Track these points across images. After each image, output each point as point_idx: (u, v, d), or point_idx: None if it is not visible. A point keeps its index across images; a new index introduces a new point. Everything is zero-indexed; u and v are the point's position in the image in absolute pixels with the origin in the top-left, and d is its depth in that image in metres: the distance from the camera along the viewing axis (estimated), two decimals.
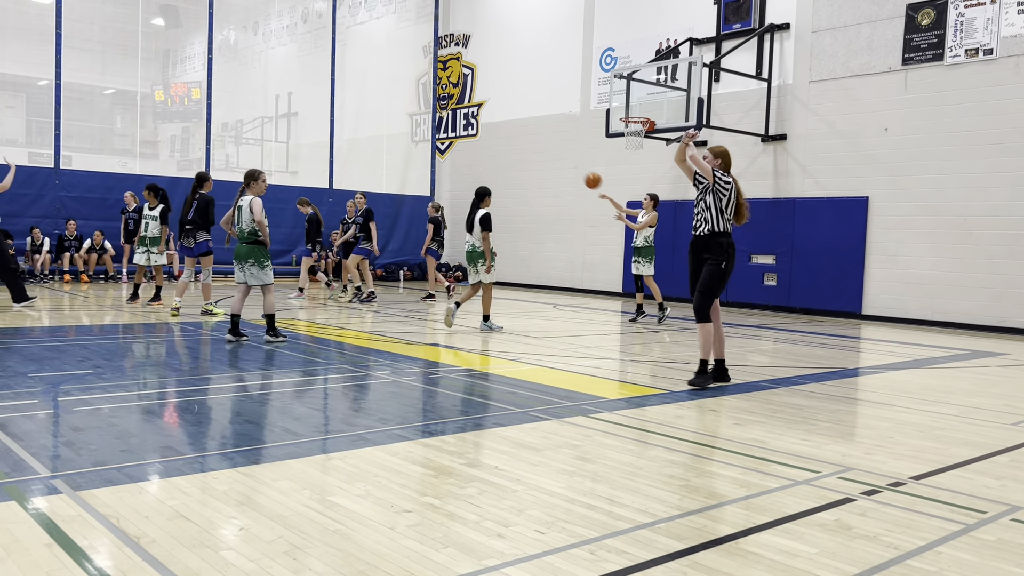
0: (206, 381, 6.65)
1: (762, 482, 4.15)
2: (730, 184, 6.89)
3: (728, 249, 6.88)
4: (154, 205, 12.40)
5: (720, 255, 6.84)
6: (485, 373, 7.29)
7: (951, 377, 8.15)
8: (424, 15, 22.17)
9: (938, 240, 13.24)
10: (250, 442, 4.64)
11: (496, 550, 3.12)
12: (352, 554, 3.04)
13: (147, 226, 12.35)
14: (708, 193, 6.87)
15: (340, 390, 6.45)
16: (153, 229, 12.32)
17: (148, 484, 3.82)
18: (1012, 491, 4.13)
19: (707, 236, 6.89)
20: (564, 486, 3.96)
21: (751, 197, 15.58)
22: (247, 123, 22.41)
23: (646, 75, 15.32)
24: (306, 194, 19.25)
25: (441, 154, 22.66)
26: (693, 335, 11.02)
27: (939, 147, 13.20)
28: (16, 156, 18.68)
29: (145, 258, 12.28)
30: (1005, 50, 12.53)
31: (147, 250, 12.28)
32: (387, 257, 21.51)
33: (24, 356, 7.35)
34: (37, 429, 4.75)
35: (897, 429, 5.54)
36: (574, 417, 5.54)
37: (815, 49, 14.65)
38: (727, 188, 6.85)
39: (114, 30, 20.35)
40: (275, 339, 8.75)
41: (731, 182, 6.91)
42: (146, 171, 19.00)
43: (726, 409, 5.99)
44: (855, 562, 3.12)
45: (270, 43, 22.47)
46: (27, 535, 3.10)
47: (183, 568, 2.86)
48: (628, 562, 3.04)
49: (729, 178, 6.91)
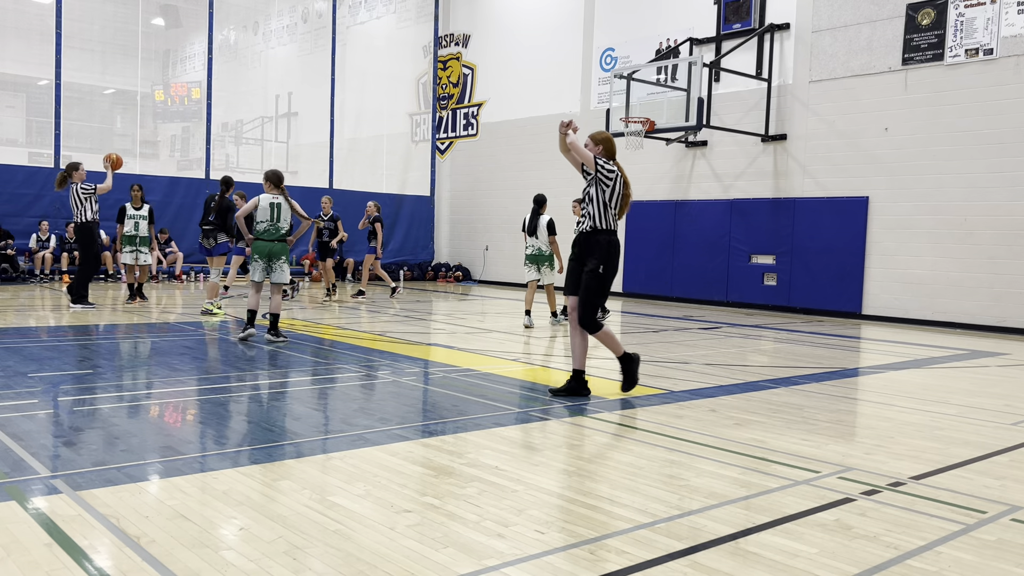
0: (206, 381, 6.65)
1: (762, 482, 4.15)
2: (614, 173, 6.16)
3: (609, 249, 6.19)
4: (139, 205, 12.45)
5: (600, 257, 6.14)
6: (485, 373, 7.29)
7: (951, 377, 8.15)
8: (424, 15, 22.17)
9: (938, 240, 13.24)
10: (250, 442, 4.64)
11: (496, 550, 3.12)
12: (352, 554, 3.04)
13: (136, 226, 12.37)
14: (592, 184, 6.21)
15: (340, 390, 6.45)
16: (143, 229, 12.36)
17: (148, 484, 3.82)
18: (1012, 491, 4.13)
19: (588, 233, 6.20)
20: (564, 486, 3.96)
21: (751, 197, 15.62)
22: (247, 123, 22.40)
23: (646, 75, 15.32)
24: (306, 194, 19.25)
25: (441, 154, 22.66)
26: (693, 335, 11.03)
27: (939, 147, 13.20)
28: (16, 156, 18.72)
29: (133, 257, 12.30)
30: (1005, 50, 12.53)
31: (135, 249, 12.31)
32: (387, 257, 21.49)
33: (24, 356, 7.35)
34: (37, 429, 4.75)
35: (897, 429, 5.54)
36: (574, 417, 5.54)
37: (815, 49, 14.65)
38: (610, 178, 6.13)
39: (114, 30, 20.33)
40: (276, 339, 8.75)
41: (615, 171, 6.18)
42: (146, 171, 18.98)
43: (726, 409, 5.99)
44: (855, 562, 3.12)
45: (270, 43, 22.46)
46: (27, 535, 3.10)
47: (183, 568, 2.86)
48: (628, 562, 3.04)
49: (613, 166, 6.19)
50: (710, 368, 8.03)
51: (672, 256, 16.87)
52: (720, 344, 10.09)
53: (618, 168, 6.22)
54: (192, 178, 18.84)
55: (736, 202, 15.81)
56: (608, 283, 6.27)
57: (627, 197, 6.26)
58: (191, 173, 19.93)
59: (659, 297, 17.01)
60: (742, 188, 15.79)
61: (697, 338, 10.67)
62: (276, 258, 8.81)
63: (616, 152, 6.36)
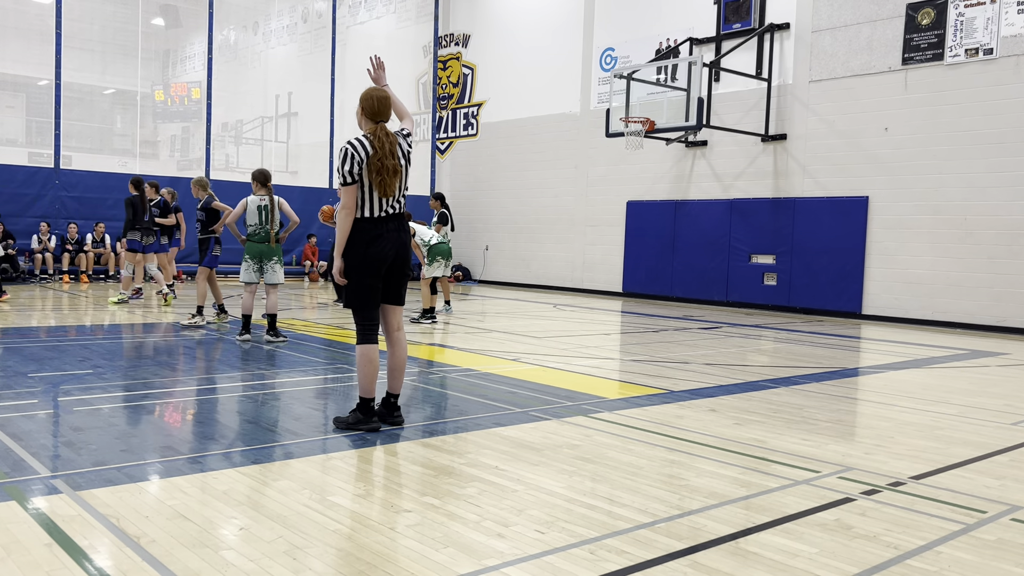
0: (206, 381, 6.65)
1: (762, 482, 4.15)
2: (360, 146, 4.76)
3: (360, 243, 4.77)
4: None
5: (351, 253, 4.81)
6: (485, 373, 7.29)
7: (951, 377, 8.15)
8: (424, 15, 22.17)
9: (938, 240, 13.24)
10: (250, 442, 4.64)
11: (496, 550, 3.12)
12: (352, 554, 3.04)
13: None
14: None
15: (340, 390, 6.45)
16: None
17: (148, 484, 3.82)
18: (1012, 491, 4.13)
19: (354, 224, 4.82)
20: (564, 486, 3.96)
21: (751, 197, 15.61)
22: (247, 123, 22.42)
23: (646, 75, 15.32)
24: (306, 194, 19.29)
25: (441, 154, 22.66)
26: (693, 335, 11.03)
27: (939, 147, 13.20)
28: (16, 156, 18.73)
29: None
30: (1005, 50, 12.53)
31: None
32: None
33: (24, 356, 7.35)
34: (37, 429, 4.75)
35: (897, 429, 5.54)
36: (574, 417, 5.54)
37: (815, 49, 14.65)
38: (358, 152, 4.75)
39: (114, 30, 20.35)
40: (275, 339, 8.75)
41: (362, 143, 4.77)
42: (146, 171, 19.00)
43: (726, 409, 5.99)
44: (855, 562, 3.12)
45: (270, 43, 22.47)
46: (27, 535, 3.10)
47: (183, 568, 2.86)
48: (628, 562, 3.04)
49: (364, 137, 4.81)
50: (710, 368, 8.03)
51: (672, 256, 16.87)
52: (720, 344, 10.09)
53: (370, 140, 4.79)
54: (192, 178, 18.84)
55: (736, 202, 15.81)
56: (364, 281, 4.82)
57: (381, 171, 4.74)
58: (191, 173, 19.92)
59: (659, 297, 17.02)
60: (742, 188, 15.79)
61: (697, 338, 10.67)
62: (268, 259, 8.81)
63: (378, 112, 4.92)
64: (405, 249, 4.93)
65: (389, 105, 5.00)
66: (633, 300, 17.19)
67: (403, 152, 4.97)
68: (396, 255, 4.87)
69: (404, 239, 4.94)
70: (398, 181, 4.85)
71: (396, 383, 5.06)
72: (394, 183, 4.81)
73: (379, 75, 5.35)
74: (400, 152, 4.92)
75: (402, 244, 4.91)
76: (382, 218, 4.83)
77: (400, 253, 4.90)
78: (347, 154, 4.75)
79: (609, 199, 18.11)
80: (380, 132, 4.84)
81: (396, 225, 4.89)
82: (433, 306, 11.16)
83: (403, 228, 4.95)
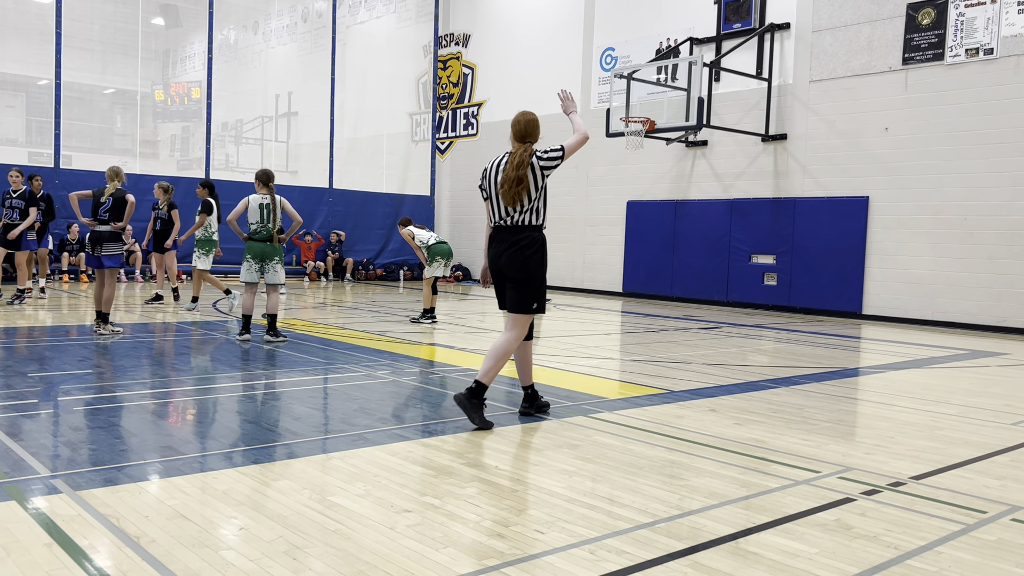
0: (206, 381, 6.65)
1: (762, 482, 4.15)
2: (490, 164, 5.45)
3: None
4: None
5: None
6: None
7: (951, 377, 8.15)
8: (424, 15, 22.16)
9: (938, 240, 13.24)
10: (250, 442, 4.64)
11: (496, 550, 3.12)
12: (352, 554, 3.04)
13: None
14: None
15: (340, 390, 6.45)
16: None
17: (148, 484, 3.82)
18: (1012, 491, 4.13)
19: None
20: (564, 486, 3.96)
21: (752, 197, 15.61)
22: (247, 123, 22.40)
23: (646, 75, 15.31)
24: (306, 194, 19.29)
25: (441, 154, 22.66)
26: (693, 335, 11.03)
27: (939, 147, 13.20)
28: (16, 156, 18.71)
29: None
30: (1005, 50, 12.52)
31: None
32: (387, 257, 21.52)
33: (24, 356, 7.35)
34: (37, 429, 4.75)
35: (897, 429, 5.53)
36: (574, 417, 5.54)
37: (815, 49, 14.65)
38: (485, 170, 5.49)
39: (114, 30, 20.32)
40: (275, 339, 8.75)
41: (493, 161, 5.43)
42: (146, 171, 18.99)
43: (726, 409, 5.99)
44: (855, 562, 3.12)
45: (270, 43, 22.45)
46: (27, 535, 3.10)
47: (183, 568, 2.86)
48: (628, 562, 3.04)
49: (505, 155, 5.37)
50: (710, 368, 8.03)
51: (672, 256, 16.86)
52: (720, 344, 10.09)
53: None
54: (192, 178, 18.82)
55: (736, 202, 15.81)
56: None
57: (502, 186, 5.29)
58: (191, 173, 19.93)
59: (659, 297, 17.01)
60: (742, 188, 15.79)
61: (697, 338, 10.67)
62: (269, 258, 8.79)
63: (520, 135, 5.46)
64: (507, 259, 5.30)
65: (528, 127, 5.36)
66: (633, 300, 17.19)
67: (526, 170, 5.21)
68: (498, 264, 5.35)
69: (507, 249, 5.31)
70: (509, 197, 5.22)
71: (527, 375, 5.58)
72: (505, 197, 5.23)
73: (566, 105, 5.67)
74: (516, 170, 5.20)
75: (503, 254, 5.32)
76: (497, 228, 5.37)
77: (503, 263, 5.32)
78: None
79: (609, 199, 18.11)
80: (513, 152, 5.32)
81: (503, 236, 5.32)
82: (434, 306, 11.16)
83: (507, 240, 5.31)
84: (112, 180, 9.03)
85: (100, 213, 8.88)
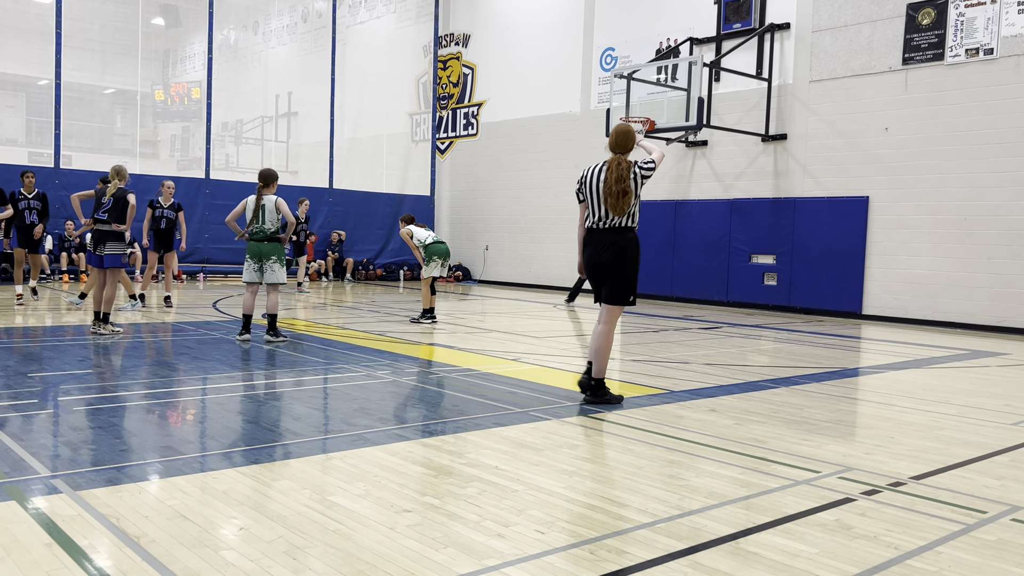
0: (206, 381, 6.65)
1: (762, 482, 4.15)
2: (587, 171, 6.10)
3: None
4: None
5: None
6: (485, 373, 7.29)
7: (951, 377, 8.15)
8: (424, 15, 22.16)
9: (938, 240, 13.24)
10: (250, 442, 4.64)
11: (496, 550, 3.12)
12: (352, 554, 3.04)
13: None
14: None
15: (340, 390, 6.45)
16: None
17: (148, 484, 3.82)
18: (1012, 491, 4.13)
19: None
20: (564, 486, 3.96)
21: (752, 197, 15.61)
22: (247, 123, 22.40)
23: (646, 75, 15.31)
24: (305, 194, 19.27)
25: (441, 154, 22.66)
26: (693, 335, 11.03)
27: (939, 147, 13.20)
28: (16, 156, 18.71)
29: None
30: (1005, 50, 12.52)
31: None
32: (387, 257, 21.52)
33: (24, 356, 7.35)
34: (37, 429, 4.75)
35: (897, 429, 5.53)
36: (574, 417, 5.54)
37: (815, 49, 14.65)
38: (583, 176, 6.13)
39: (114, 30, 20.32)
40: (275, 339, 8.75)
41: (591, 168, 6.10)
42: (146, 171, 18.98)
43: (726, 409, 5.99)
44: (855, 562, 3.12)
45: (270, 43, 22.46)
46: (27, 535, 3.10)
47: (183, 568, 2.86)
48: (628, 562, 3.04)
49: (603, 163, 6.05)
50: (710, 368, 8.03)
51: (672, 256, 16.86)
52: (720, 344, 10.09)
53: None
54: (192, 178, 18.84)
55: (736, 202, 15.81)
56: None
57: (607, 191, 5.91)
58: (191, 173, 19.92)
59: (659, 297, 17.01)
60: (742, 188, 15.79)
61: (697, 338, 10.67)
62: (267, 258, 8.77)
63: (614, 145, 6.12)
64: (607, 257, 5.91)
65: (626, 139, 6.04)
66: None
67: (628, 177, 5.87)
68: (598, 261, 5.95)
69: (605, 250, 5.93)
70: (616, 206, 5.83)
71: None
72: (612, 206, 5.83)
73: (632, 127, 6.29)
74: (622, 183, 5.83)
75: (603, 253, 5.94)
76: (594, 229, 5.97)
77: (603, 260, 5.93)
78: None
79: None
80: (611, 161, 5.92)
81: (602, 237, 5.94)
82: (433, 306, 11.17)
83: (606, 240, 5.95)
84: (114, 179, 9.03)
85: (100, 212, 8.88)
